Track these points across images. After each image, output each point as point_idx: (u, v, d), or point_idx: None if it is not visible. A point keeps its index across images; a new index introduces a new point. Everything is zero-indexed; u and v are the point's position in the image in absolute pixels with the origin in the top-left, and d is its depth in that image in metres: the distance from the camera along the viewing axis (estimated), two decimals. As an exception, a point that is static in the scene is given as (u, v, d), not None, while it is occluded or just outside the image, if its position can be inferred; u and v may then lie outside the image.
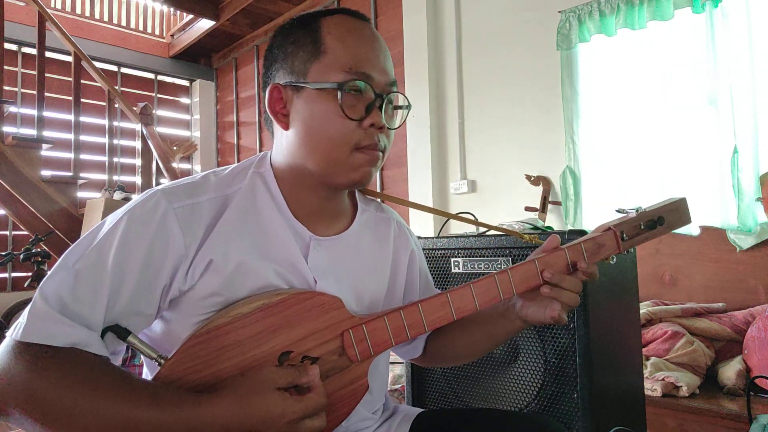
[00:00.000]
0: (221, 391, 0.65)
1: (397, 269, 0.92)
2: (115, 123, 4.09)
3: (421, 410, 0.94)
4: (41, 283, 0.66)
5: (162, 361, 0.68)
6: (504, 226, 1.72)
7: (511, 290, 0.80)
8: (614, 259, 0.84)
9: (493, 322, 0.88)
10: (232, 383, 0.66)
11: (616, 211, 0.88)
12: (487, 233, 1.61)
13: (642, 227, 0.84)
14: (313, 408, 0.66)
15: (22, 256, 3.14)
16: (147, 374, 0.79)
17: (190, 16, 4.94)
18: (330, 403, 0.73)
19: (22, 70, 4.50)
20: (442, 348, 0.97)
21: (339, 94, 0.73)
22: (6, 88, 3.72)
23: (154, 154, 3.48)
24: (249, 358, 0.69)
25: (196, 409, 0.62)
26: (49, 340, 0.62)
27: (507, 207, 2.90)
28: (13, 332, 0.63)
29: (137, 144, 3.77)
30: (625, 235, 0.83)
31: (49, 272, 0.68)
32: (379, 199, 0.97)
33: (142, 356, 0.71)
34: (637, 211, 0.85)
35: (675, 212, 0.87)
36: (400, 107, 0.82)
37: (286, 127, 0.77)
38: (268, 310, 0.71)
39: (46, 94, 3.76)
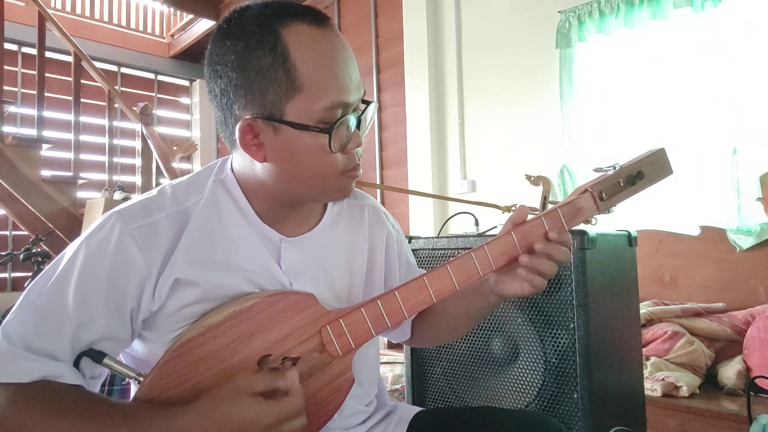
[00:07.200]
0: (194, 402, 0.64)
1: (375, 255, 0.90)
2: (115, 123, 4.08)
3: (420, 409, 0.94)
4: (3, 322, 0.66)
5: (141, 379, 0.68)
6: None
7: (490, 266, 0.77)
8: (596, 221, 0.81)
9: (469, 300, 0.87)
10: (208, 392, 0.65)
11: (594, 170, 0.84)
12: (487, 233, 1.61)
13: (622, 184, 0.81)
14: (289, 412, 0.65)
15: (22, 256, 3.13)
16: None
17: (190, 16, 4.94)
18: (317, 401, 0.73)
19: (22, 70, 4.50)
20: (425, 329, 0.98)
21: (328, 136, 0.69)
22: (6, 88, 3.71)
23: (154, 154, 3.47)
24: (228, 366, 0.69)
25: (169, 422, 0.63)
26: (16, 377, 0.63)
27: (507, 207, 2.89)
28: None
29: (137, 144, 3.76)
30: (604, 195, 0.79)
31: (11, 310, 0.68)
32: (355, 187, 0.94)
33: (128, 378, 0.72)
34: (614, 168, 0.81)
35: (655, 164, 0.82)
36: (368, 102, 0.77)
37: (262, 160, 0.72)
38: (240, 316, 0.70)
39: (46, 94, 3.74)
